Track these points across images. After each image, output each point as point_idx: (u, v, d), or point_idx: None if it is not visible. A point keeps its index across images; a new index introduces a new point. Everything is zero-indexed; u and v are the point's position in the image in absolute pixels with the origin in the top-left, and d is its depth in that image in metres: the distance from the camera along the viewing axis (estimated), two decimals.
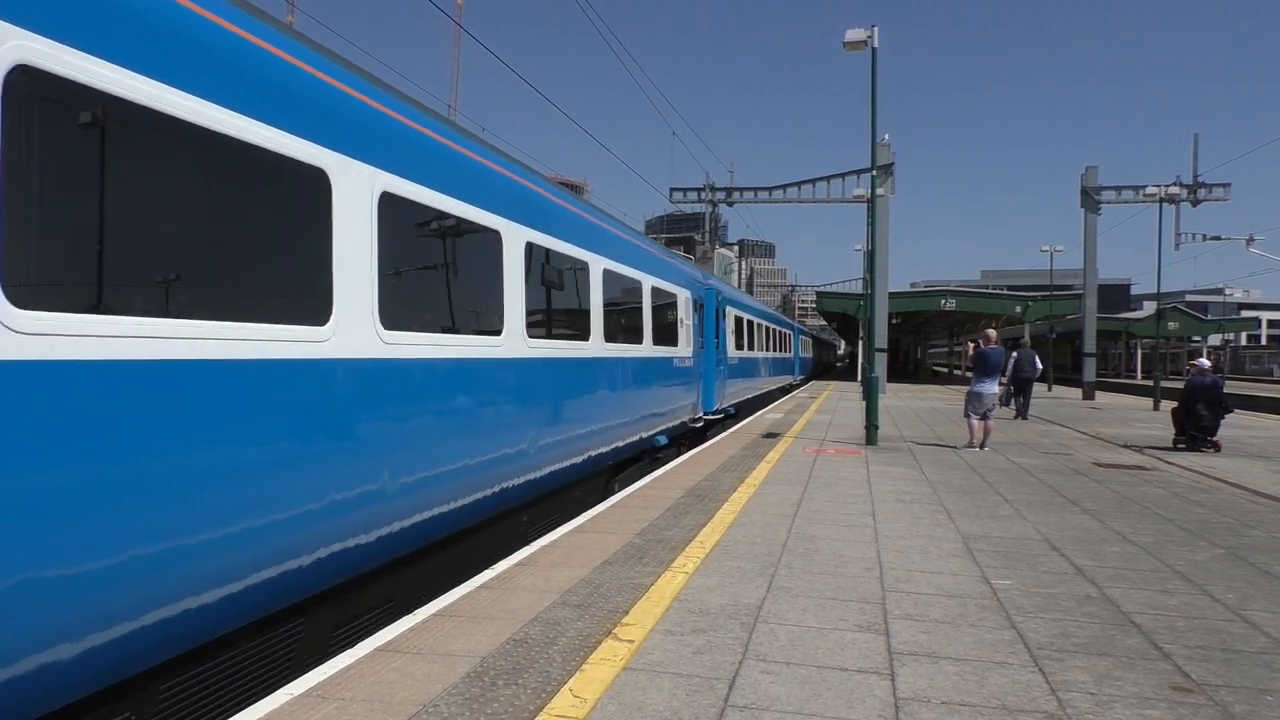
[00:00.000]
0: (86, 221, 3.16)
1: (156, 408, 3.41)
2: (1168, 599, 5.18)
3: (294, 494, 4.23)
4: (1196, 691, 3.73)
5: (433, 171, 5.72)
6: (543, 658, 3.98)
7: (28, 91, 2.91)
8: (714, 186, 40.44)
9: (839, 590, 5.21)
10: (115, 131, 3.27)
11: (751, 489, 8.97)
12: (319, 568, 4.45)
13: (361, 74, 5.24)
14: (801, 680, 3.75)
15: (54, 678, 3.04)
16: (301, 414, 4.28)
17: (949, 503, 8.44)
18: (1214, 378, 14.26)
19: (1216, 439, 13.93)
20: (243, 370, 3.88)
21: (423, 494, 5.45)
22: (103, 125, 3.21)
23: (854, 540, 6.60)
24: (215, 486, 3.70)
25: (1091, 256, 33.25)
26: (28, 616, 2.90)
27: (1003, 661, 4.04)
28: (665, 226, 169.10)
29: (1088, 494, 9.18)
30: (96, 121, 3.19)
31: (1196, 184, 33.90)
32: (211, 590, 3.70)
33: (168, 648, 3.58)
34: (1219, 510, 8.32)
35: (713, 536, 6.61)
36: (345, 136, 4.75)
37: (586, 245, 9.00)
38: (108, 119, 3.23)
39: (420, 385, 5.46)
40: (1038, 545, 6.58)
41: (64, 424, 3.01)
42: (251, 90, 4.00)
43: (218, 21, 3.88)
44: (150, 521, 3.37)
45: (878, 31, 14.43)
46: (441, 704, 3.44)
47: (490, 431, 6.42)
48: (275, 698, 3.49)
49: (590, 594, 5.02)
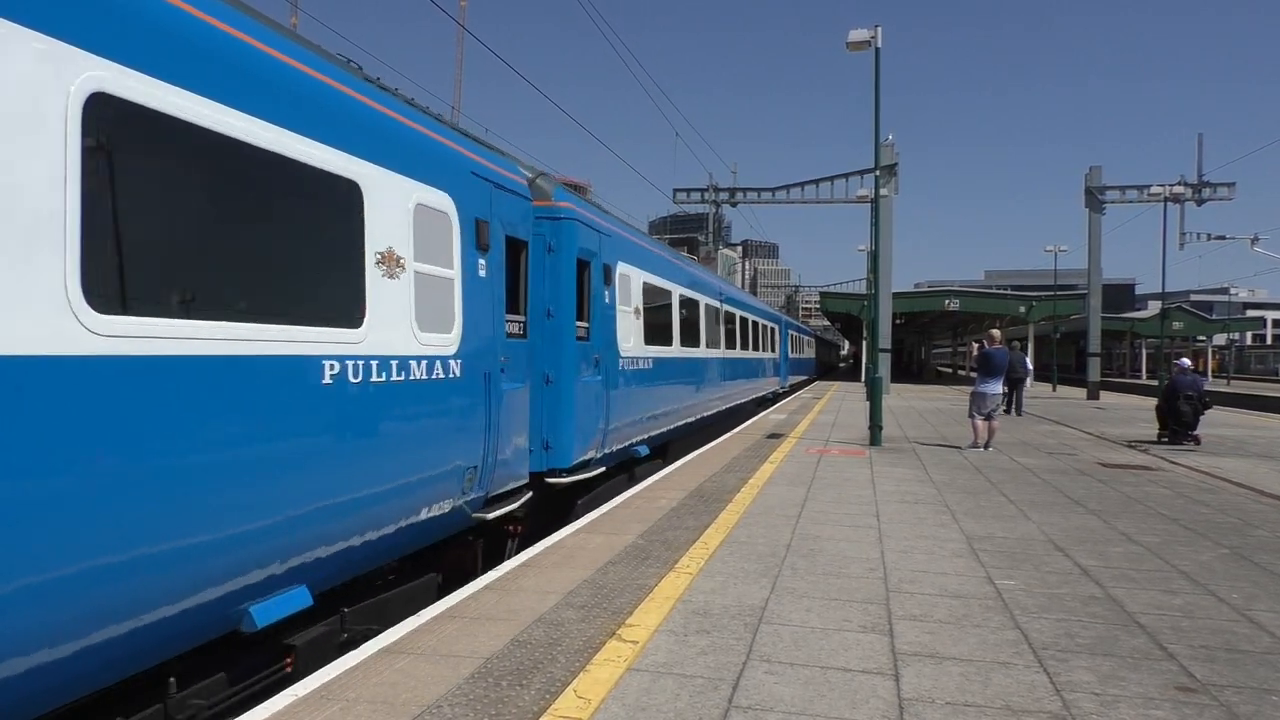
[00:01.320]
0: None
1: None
2: (1172, 599, 5.18)
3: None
4: (1201, 692, 3.73)
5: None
6: (546, 659, 3.98)
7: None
8: (717, 187, 40.43)
9: (843, 591, 5.21)
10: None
11: (755, 490, 8.97)
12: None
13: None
14: (805, 681, 3.75)
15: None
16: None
17: (953, 503, 8.43)
18: (1194, 376, 15.21)
19: (1196, 433, 14.72)
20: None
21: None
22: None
23: (858, 541, 6.60)
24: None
25: (1096, 256, 33.21)
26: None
27: (1007, 662, 4.04)
28: (669, 227, 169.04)
29: (1092, 494, 9.17)
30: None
31: (1201, 183, 33.81)
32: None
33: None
34: (1224, 510, 8.30)
35: (716, 537, 6.61)
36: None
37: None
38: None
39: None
40: (1042, 546, 6.57)
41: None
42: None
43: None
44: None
45: (881, 31, 14.43)
46: (445, 705, 3.44)
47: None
48: (280, 698, 3.50)
49: (594, 595, 5.03)
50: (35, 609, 2.97)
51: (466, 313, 6.09)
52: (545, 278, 8.28)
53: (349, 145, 4.79)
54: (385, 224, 5.10)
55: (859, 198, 34.63)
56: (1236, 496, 9.20)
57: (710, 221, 45.84)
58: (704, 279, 16.77)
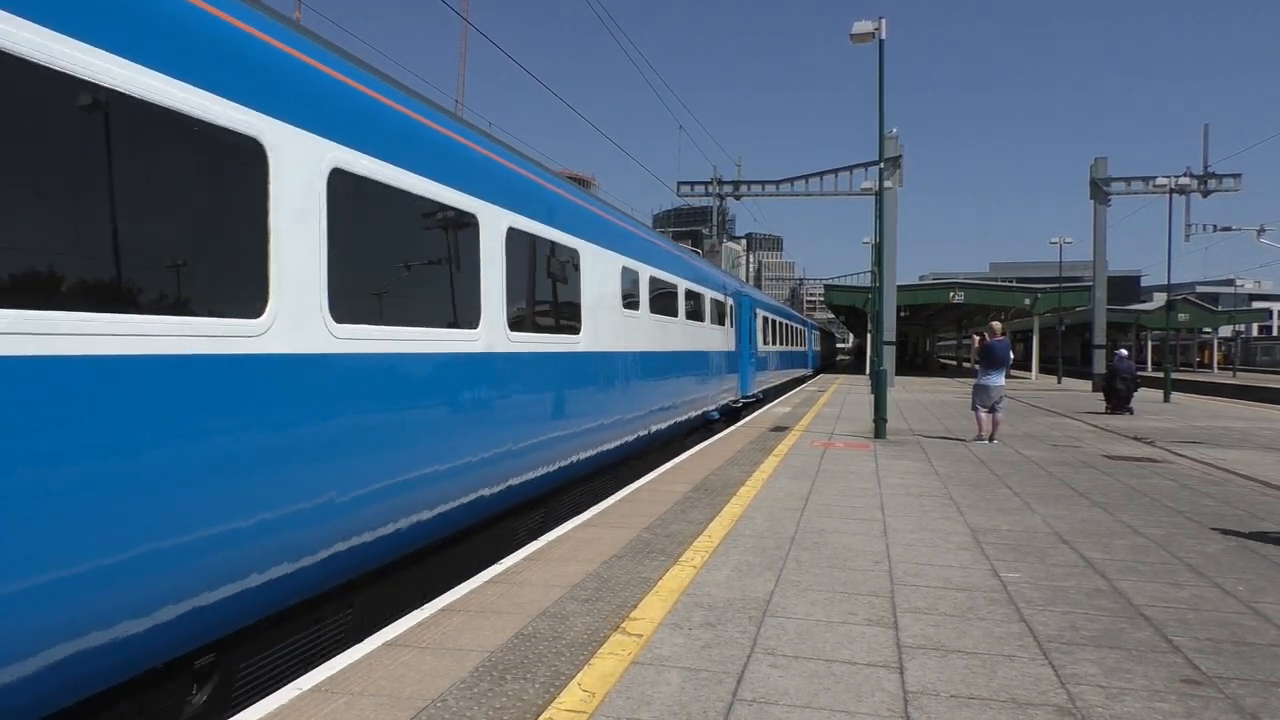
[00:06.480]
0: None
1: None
2: (1178, 591, 5.16)
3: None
4: (1207, 684, 3.71)
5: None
6: (551, 652, 3.98)
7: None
8: (721, 180, 40.35)
9: (847, 584, 5.20)
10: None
11: (759, 483, 8.97)
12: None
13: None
14: (810, 674, 3.75)
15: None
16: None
17: (958, 496, 8.41)
18: (1129, 363, 20.43)
19: (1130, 406, 19.86)
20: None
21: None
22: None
23: (862, 534, 6.59)
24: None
25: (1101, 248, 33.10)
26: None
27: (1012, 654, 4.03)
28: (673, 220, 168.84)
29: (1097, 486, 9.15)
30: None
31: (1207, 174, 33.67)
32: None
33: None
34: (1230, 503, 8.27)
35: (720, 530, 6.61)
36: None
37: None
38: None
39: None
40: (1047, 538, 6.55)
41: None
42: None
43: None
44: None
45: (885, 23, 14.37)
46: (450, 698, 3.45)
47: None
48: (284, 692, 3.51)
49: (598, 588, 5.03)
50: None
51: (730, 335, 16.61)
52: (738, 320, 19.48)
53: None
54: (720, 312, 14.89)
55: (863, 190, 34.55)
56: (1242, 489, 9.17)
57: (714, 215, 45.74)
58: (785, 309, 28.29)
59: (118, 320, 3.22)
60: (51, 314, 2.97)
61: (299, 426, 4.25)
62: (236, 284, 3.89)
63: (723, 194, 40.42)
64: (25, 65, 2.91)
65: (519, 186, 7.24)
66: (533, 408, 7.26)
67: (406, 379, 5.26)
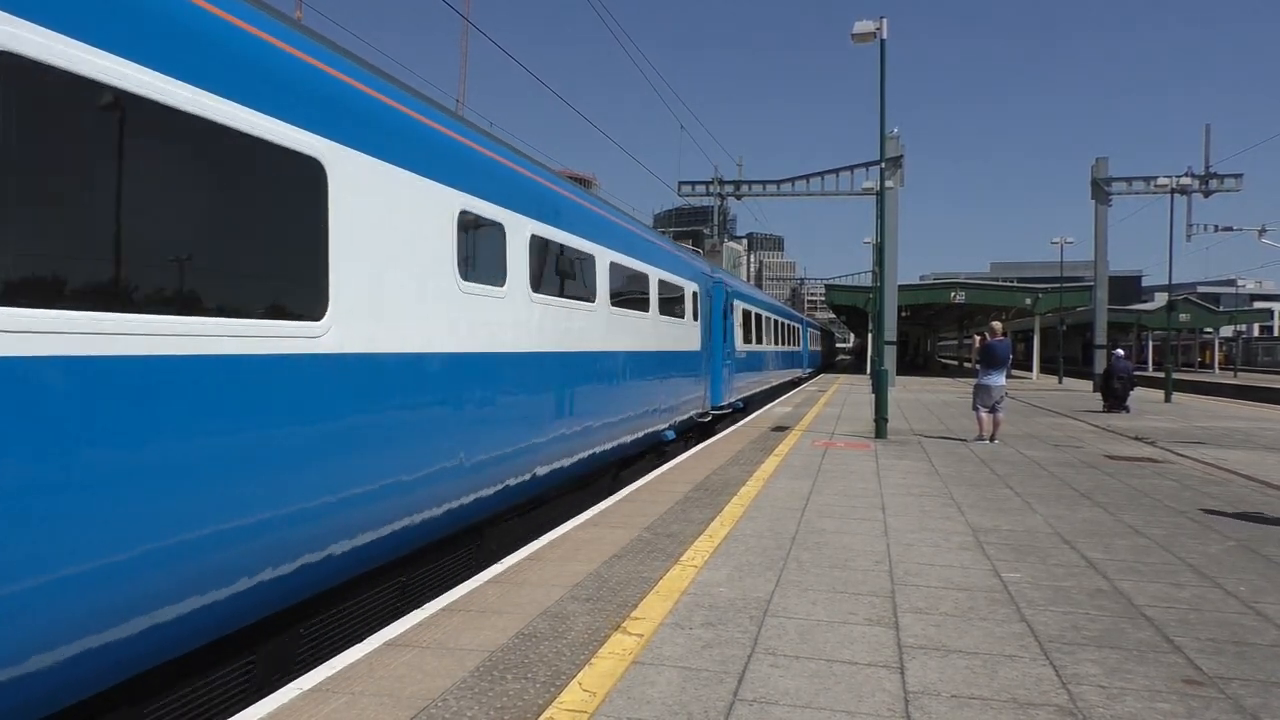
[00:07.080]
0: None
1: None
2: (1179, 592, 5.16)
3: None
4: (1208, 684, 3.71)
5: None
6: (551, 652, 3.98)
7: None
8: (722, 180, 40.36)
9: (848, 584, 5.20)
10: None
11: (760, 482, 8.96)
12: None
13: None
14: (811, 674, 3.75)
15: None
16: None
17: (959, 496, 8.41)
18: (1126, 363, 20.93)
19: (1127, 404, 20.34)
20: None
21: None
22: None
23: (863, 534, 6.59)
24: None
25: (1102, 248, 33.09)
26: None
27: (1013, 655, 4.03)
28: (674, 220, 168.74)
29: (1099, 487, 9.14)
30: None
31: (1208, 174, 33.65)
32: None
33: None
34: (1231, 503, 8.27)
35: (721, 530, 6.60)
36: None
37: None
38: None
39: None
40: (1048, 538, 6.55)
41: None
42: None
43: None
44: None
45: (886, 23, 14.37)
46: (451, 698, 3.45)
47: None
48: (285, 692, 3.51)
49: (598, 588, 5.03)
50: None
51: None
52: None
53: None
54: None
55: (864, 190, 34.53)
56: (1244, 489, 9.16)
57: (715, 214, 45.73)
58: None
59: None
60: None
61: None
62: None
63: (724, 194, 40.42)
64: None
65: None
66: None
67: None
